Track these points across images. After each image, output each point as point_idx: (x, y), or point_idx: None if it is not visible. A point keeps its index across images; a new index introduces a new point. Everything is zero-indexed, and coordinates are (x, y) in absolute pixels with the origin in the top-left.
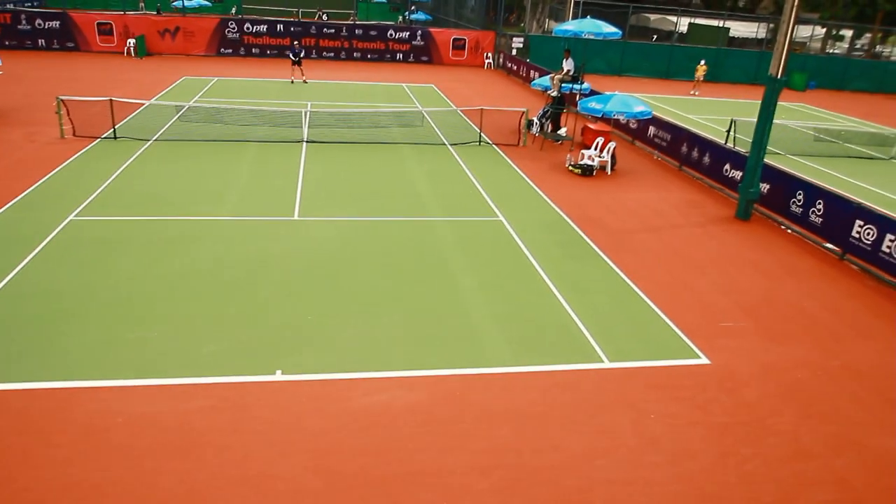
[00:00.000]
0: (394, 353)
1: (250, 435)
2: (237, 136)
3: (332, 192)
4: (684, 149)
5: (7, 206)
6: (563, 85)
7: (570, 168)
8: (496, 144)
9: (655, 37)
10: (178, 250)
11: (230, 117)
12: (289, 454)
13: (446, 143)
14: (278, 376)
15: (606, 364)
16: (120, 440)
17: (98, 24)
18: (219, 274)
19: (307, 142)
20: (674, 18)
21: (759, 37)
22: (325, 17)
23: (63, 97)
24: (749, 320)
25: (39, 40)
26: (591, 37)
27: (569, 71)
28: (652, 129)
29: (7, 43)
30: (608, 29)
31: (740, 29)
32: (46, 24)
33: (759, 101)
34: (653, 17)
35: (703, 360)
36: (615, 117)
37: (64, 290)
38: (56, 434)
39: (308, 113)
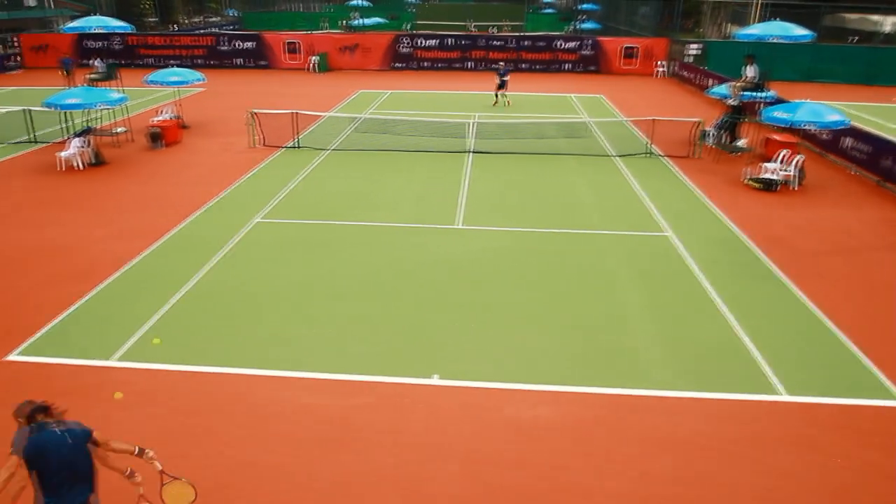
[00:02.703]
0: (552, 366)
1: (405, 435)
2: (406, 147)
3: (496, 202)
4: (887, 162)
5: (204, 207)
6: (743, 93)
7: (749, 182)
8: (666, 156)
9: (854, 38)
10: (346, 254)
11: (401, 128)
12: (440, 458)
13: (612, 154)
14: (435, 380)
15: (784, 397)
16: (287, 427)
17: (286, 42)
18: (383, 277)
19: (473, 152)
20: (877, 17)
21: None
22: (493, 30)
23: (255, 110)
24: None
25: (237, 59)
26: (778, 40)
27: (751, 78)
28: (847, 141)
29: (210, 62)
30: (798, 31)
31: None
32: (243, 44)
33: None
34: (851, 16)
35: None
36: (804, 127)
37: (247, 285)
38: (237, 415)
39: (474, 124)
